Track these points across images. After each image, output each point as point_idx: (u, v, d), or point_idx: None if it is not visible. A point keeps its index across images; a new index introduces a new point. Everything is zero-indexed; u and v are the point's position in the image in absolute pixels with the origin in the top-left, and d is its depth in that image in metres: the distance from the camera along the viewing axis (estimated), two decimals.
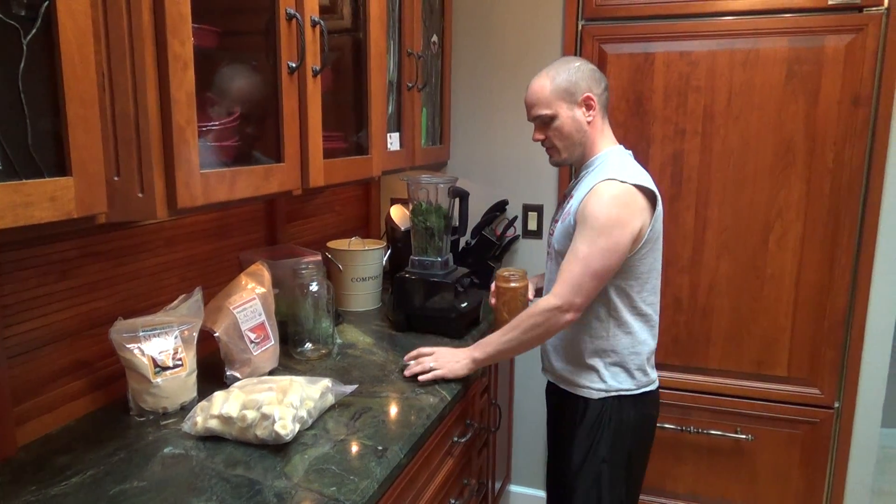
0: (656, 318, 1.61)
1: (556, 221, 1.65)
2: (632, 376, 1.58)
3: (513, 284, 1.70)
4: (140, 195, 0.99)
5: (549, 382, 1.75)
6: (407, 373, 1.58)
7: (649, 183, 1.49)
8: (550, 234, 1.68)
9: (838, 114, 2.03)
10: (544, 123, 1.57)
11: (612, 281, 1.51)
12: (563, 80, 1.53)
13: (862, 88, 2.00)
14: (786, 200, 2.12)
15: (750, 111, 2.11)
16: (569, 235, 1.51)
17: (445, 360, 1.58)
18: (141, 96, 0.96)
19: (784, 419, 2.23)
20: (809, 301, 2.16)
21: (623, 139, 1.75)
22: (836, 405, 2.19)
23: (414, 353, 1.64)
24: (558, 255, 1.57)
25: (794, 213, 2.12)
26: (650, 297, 1.57)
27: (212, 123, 1.20)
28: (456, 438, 1.63)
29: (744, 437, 2.26)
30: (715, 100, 2.14)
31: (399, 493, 1.28)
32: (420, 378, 1.56)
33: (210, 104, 1.23)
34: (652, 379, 1.62)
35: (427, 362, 1.58)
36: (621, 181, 1.45)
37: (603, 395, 1.57)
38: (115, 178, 0.97)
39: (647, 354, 1.59)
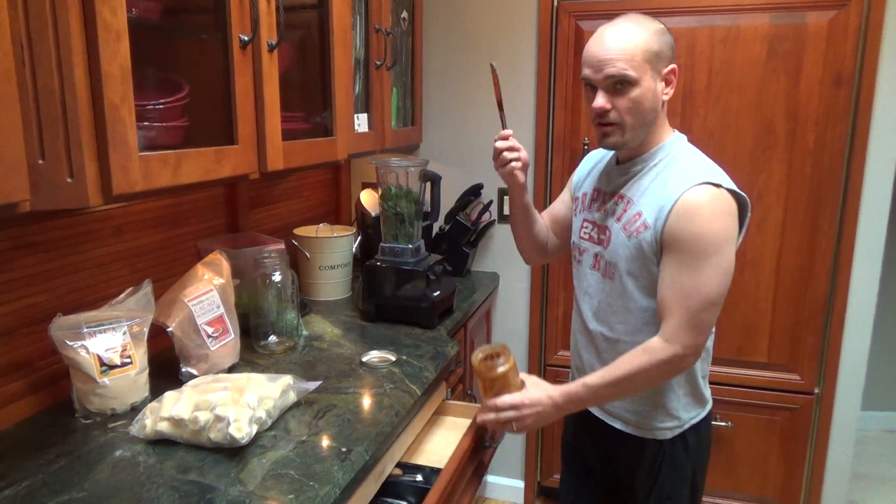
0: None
1: (594, 225, 1.35)
2: (700, 401, 1.37)
3: (500, 370, 1.27)
4: (69, 180, 0.89)
5: (595, 418, 1.43)
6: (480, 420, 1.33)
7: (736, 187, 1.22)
8: (584, 239, 1.38)
9: (820, 94, 1.97)
10: (618, 88, 1.19)
11: None
12: (654, 40, 1.19)
13: (844, 67, 1.94)
14: (766, 184, 2.07)
15: (730, 91, 2.05)
16: (643, 256, 1.23)
17: (528, 424, 1.29)
18: (67, 70, 0.87)
19: (764, 405, 2.20)
20: (790, 286, 2.12)
21: None
22: (816, 391, 2.16)
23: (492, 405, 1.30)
24: (627, 276, 1.27)
25: (775, 196, 2.07)
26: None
27: (155, 102, 1.10)
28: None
29: (723, 424, 2.22)
30: (695, 79, 2.07)
31: None
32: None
33: (154, 80, 1.13)
34: (708, 397, 1.41)
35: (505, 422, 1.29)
36: (716, 185, 1.17)
37: (675, 433, 1.35)
38: (40, 162, 0.88)
39: (708, 370, 1.41)
